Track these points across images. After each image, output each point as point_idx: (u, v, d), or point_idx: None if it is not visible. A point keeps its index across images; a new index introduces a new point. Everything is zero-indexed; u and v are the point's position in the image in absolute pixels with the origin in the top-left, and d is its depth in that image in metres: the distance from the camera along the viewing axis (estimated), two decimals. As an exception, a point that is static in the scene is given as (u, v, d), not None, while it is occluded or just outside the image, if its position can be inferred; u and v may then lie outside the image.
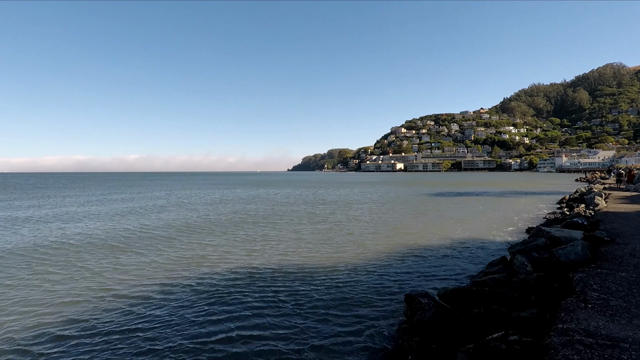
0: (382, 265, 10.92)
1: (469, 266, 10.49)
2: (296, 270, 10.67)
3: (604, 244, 8.98)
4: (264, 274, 10.33)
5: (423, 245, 13.77)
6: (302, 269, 10.83)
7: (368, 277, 9.72)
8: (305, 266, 11.15)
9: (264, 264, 11.43)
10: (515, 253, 8.29)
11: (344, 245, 14.29)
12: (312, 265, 11.26)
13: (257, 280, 9.70)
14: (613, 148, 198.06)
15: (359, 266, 10.89)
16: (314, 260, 11.80)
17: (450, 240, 14.65)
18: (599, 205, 18.33)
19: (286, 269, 10.88)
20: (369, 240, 15.04)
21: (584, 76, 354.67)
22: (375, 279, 9.47)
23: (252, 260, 12.02)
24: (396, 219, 21.30)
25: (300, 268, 10.91)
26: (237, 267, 11.18)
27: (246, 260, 12.04)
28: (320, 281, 9.54)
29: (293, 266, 11.17)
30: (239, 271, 10.68)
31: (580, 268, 7.28)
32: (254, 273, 10.46)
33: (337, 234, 16.61)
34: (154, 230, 18.18)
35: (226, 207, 29.65)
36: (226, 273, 10.50)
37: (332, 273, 10.27)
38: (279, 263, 11.58)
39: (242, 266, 11.23)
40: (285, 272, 10.50)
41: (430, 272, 9.98)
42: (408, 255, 11.97)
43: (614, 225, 12.08)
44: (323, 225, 19.32)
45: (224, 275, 10.31)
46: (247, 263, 11.64)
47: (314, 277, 9.96)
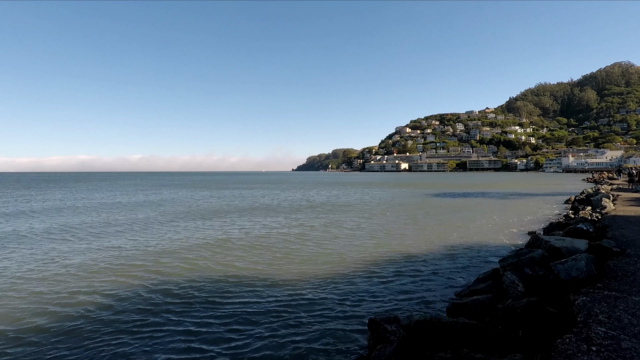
0: (357, 279, 9.40)
1: (459, 279, 9.14)
2: (238, 290, 8.78)
3: (612, 256, 7.67)
4: (186, 291, 8.79)
5: (411, 253, 12.31)
6: (249, 286, 9.07)
7: (335, 294, 8.25)
8: (256, 282, 9.37)
9: (197, 278, 9.84)
10: (505, 267, 6.99)
11: (312, 256, 12.24)
12: (269, 280, 9.55)
13: (178, 300, 8.18)
14: (621, 148, 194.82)
15: (327, 282, 9.30)
16: (271, 275, 10.06)
17: (444, 247, 13.25)
18: (607, 208, 16.95)
19: (224, 287, 9.05)
20: (347, 250, 13.10)
21: (591, 75, 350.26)
22: (342, 298, 8.04)
23: (190, 273, 10.34)
24: (385, 224, 19.29)
25: (247, 285, 9.13)
26: (170, 279, 9.89)
27: (182, 273, 10.32)
28: (270, 300, 8.01)
29: (233, 283, 9.38)
30: (170, 283, 9.42)
31: (584, 288, 5.99)
32: (182, 289, 8.89)
33: (309, 242, 14.42)
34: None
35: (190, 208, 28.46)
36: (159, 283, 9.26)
37: (287, 291, 8.60)
38: (217, 279, 9.76)
39: (174, 280, 9.76)
40: (219, 292, 8.65)
41: (412, 288, 8.60)
42: (390, 267, 10.53)
43: (623, 231, 10.73)
44: (295, 229, 17.69)
45: (156, 285, 9.08)
46: (184, 277, 9.98)
47: (263, 294, 8.47)
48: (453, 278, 9.26)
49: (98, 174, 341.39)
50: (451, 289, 8.33)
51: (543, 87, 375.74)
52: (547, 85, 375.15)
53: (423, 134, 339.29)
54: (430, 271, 9.91)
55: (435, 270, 10.02)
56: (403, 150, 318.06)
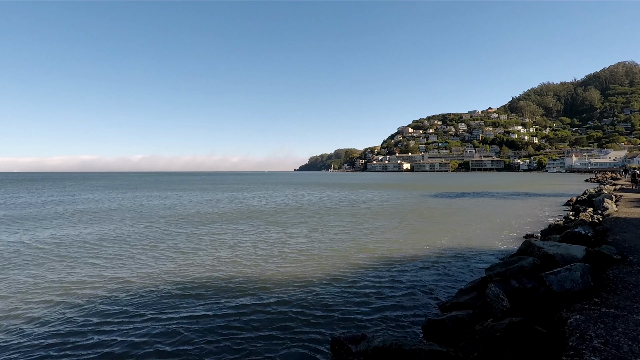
0: (330, 289, 8.61)
1: (443, 289, 8.30)
2: (188, 303, 7.87)
3: (612, 265, 6.92)
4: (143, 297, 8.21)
5: (395, 260, 11.37)
6: (201, 298, 8.20)
7: (302, 308, 7.41)
8: (212, 293, 8.49)
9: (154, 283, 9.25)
10: (492, 278, 6.26)
11: (287, 263, 11.24)
12: (229, 291, 8.70)
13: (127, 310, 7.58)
14: (625, 148, 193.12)
15: (295, 293, 8.37)
16: (233, 285, 9.18)
17: (432, 252, 12.34)
18: (609, 210, 16.17)
19: (172, 298, 8.28)
20: (326, 256, 11.99)
21: (595, 75, 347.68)
22: (309, 311, 7.21)
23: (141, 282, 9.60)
24: (374, 228, 17.97)
25: (199, 298, 8.24)
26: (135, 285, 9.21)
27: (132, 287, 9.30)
28: (227, 313, 7.32)
29: (185, 295, 8.49)
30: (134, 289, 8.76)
31: (579, 303, 5.27)
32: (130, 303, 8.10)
33: (287, 249, 13.27)
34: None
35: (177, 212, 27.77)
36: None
37: (249, 302, 7.89)
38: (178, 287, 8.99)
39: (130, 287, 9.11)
40: (168, 304, 7.87)
41: (390, 300, 7.76)
42: (369, 275, 9.71)
43: (625, 235, 9.96)
44: (275, 234, 16.55)
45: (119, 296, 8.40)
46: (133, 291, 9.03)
47: (218, 306, 7.67)
48: (437, 288, 8.42)
49: (96, 173, 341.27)
50: (434, 301, 7.56)
51: (546, 86, 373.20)
52: (551, 85, 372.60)
53: (425, 134, 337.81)
54: (413, 280, 9.07)
55: (419, 278, 9.19)
56: (405, 150, 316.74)
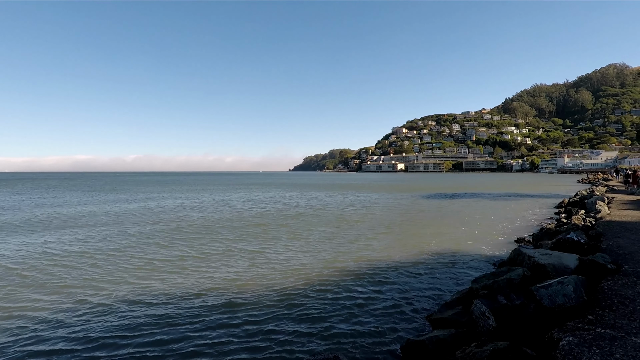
0: (306, 303, 7.83)
1: (427, 303, 7.67)
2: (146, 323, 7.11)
3: (607, 275, 6.49)
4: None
5: (375, 268, 10.63)
6: (162, 311, 7.59)
7: (273, 324, 6.73)
8: (172, 307, 7.76)
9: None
10: (478, 291, 5.79)
11: (256, 272, 10.40)
12: (191, 304, 7.98)
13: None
14: (616, 149, 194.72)
15: (259, 309, 7.61)
16: (195, 296, 8.50)
17: (417, 259, 11.63)
18: (601, 212, 15.83)
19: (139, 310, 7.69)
20: (298, 266, 11.03)
21: (586, 76, 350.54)
22: (274, 330, 6.55)
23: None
24: (357, 232, 17.04)
25: (159, 311, 7.61)
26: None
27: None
28: (189, 330, 6.68)
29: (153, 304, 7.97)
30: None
31: (571, 321, 4.81)
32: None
33: (259, 258, 12.09)
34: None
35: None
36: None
37: (209, 316, 7.27)
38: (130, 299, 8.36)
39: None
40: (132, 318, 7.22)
41: (367, 315, 7.08)
42: (344, 287, 8.90)
43: (619, 241, 9.57)
44: (251, 238, 15.66)
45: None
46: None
47: (188, 323, 6.97)
48: (422, 299, 7.84)
49: (88, 173, 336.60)
50: (417, 314, 6.98)
51: (539, 88, 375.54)
52: (543, 86, 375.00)
53: (419, 134, 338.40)
54: (396, 290, 8.46)
55: (403, 288, 8.58)
56: (399, 151, 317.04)
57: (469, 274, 9.66)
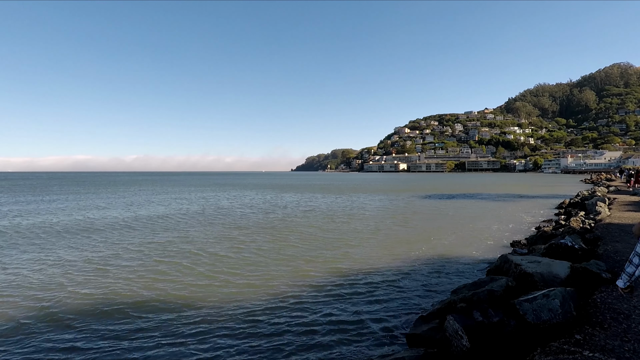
0: (272, 318, 7.06)
1: (406, 316, 6.93)
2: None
3: (600, 285, 5.92)
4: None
5: (361, 277, 9.69)
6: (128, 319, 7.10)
7: (233, 340, 6.12)
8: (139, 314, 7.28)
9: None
10: (457, 303, 5.23)
11: (227, 276, 9.72)
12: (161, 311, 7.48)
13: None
14: (620, 149, 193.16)
15: (232, 318, 7.06)
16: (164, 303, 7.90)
17: (405, 265, 10.81)
18: (601, 214, 15.22)
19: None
20: (278, 273, 10.21)
21: (590, 76, 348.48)
22: (237, 346, 5.91)
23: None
24: (342, 235, 16.08)
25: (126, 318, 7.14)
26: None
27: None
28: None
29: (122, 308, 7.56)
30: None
31: (556, 341, 4.25)
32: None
33: (233, 268, 10.88)
34: None
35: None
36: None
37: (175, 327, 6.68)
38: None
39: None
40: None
41: (339, 335, 6.24)
42: (325, 297, 8.14)
43: (617, 246, 8.98)
44: (226, 242, 14.69)
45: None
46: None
47: (142, 339, 6.29)
48: (399, 313, 7.11)
49: (86, 173, 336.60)
50: (396, 330, 6.34)
51: (542, 87, 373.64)
52: (546, 86, 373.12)
53: (422, 134, 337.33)
54: (374, 302, 7.72)
55: (381, 299, 7.87)
56: (402, 151, 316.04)
57: (456, 282, 9.03)
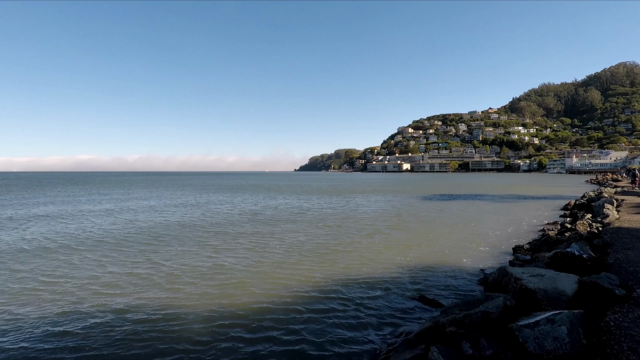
0: (237, 338, 6.23)
1: (389, 338, 5.98)
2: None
3: (613, 303, 5.14)
4: None
5: (337, 288, 8.67)
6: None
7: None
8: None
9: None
10: (446, 325, 4.48)
11: (191, 290, 8.76)
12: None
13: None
14: (626, 149, 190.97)
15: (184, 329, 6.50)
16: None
17: (395, 275, 9.77)
18: (609, 217, 14.40)
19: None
20: (249, 282, 9.31)
21: (595, 75, 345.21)
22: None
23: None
24: (328, 239, 15.00)
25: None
26: None
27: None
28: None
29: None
30: None
31: (562, 379, 3.49)
32: None
33: (203, 276, 9.96)
34: None
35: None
36: None
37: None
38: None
39: None
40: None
41: (304, 352, 5.60)
42: (303, 310, 7.38)
43: (629, 254, 8.17)
44: (198, 247, 13.65)
45: None
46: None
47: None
48: (380, 334, 6.21)
49: (89, 173, 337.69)
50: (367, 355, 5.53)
51: (547, 87, 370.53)
52: (551, 86, 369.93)
53: (425, 134, 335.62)
54: (349, 319, 6.82)
55: (357, 316, 6.95)
56: (405, 151, 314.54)
57: (453, 294, 8.24)
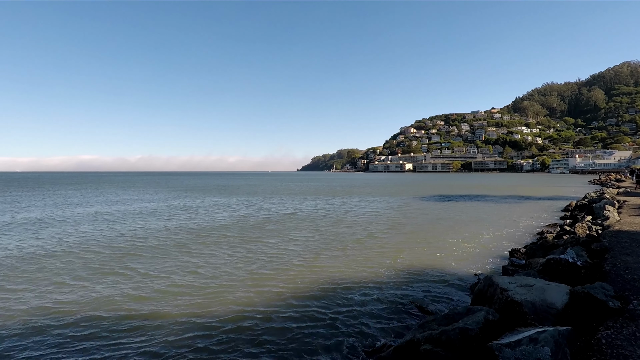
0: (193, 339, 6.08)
1: (368, 350, 5.65)
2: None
3: (607, 317, 4.73)
4: None
5: (317, 295, 8.29)
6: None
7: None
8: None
9: None
10: (421, 342, 4.09)
11: (166, 291, 8.62)
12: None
13: None
14: (630, 148, 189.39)
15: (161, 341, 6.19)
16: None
17: (378, 283, 9.19)
18: (610, 219, 13.95)
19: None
20: (215, 288, 8.93)
21: (599, 75, 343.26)
22: None
23: None
24: (313, 245, 14.15)
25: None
26: None
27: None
28: None
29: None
30: None
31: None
32: None
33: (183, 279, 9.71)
34: None
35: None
36: None
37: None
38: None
39: None
40: None
41: None
42: (276, 318, 7.02)
43: (627, 260, 7.73)
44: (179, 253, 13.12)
45: None
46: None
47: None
48: (351, 352, 5.69)
49: (90, 173, 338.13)
50: None
51: (550, 86, 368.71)
52: (554, 85, 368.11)
53: (428, 134, 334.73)
54: (323, 326, 6.49)
55: (333, 323, 6.60)
56: (407, 151, 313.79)
57: (440, 303, 7.82)
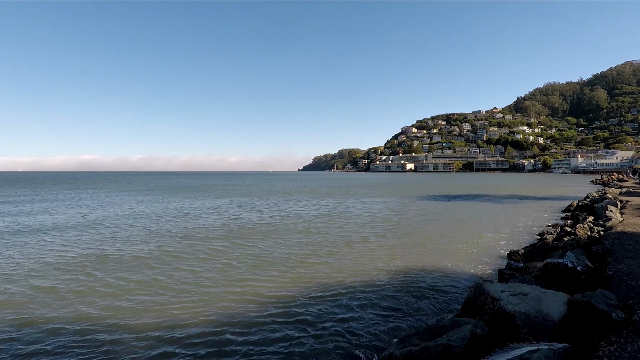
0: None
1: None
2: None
3: (609, 331, 4.28)
4: None
5: (299, 303, 7.90)
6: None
7: None
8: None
9: None
10: (399, 359, 3.65)
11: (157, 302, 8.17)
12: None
13: None
14: (632, 148, 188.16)
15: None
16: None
17: (366, 291, 8.67)
18: (612, 220, 13.46)
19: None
20: (215, 293, 8.67)
21: (602, 74, 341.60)
22: None
23: None
24: (302, 248, 13.59)
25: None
26: None
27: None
28: None
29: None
30: None
31: None
32: None
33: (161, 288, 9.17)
34: None
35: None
36: None
37: None
38: None
39: None
40: None
41: None
42: (239, 333, 6.55)
43: (631, 264, 7.26)
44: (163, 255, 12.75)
45: None
46: None
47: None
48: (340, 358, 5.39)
49: (92, 173, 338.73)
50: None
51: (552, 86, 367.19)
52: (556, 85, 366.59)
53: (429, 134, 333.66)
54: (310, 337, 6.09)
55: (320, 333, 6.23)
56: (409, 151, 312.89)
57: (432, 311, 7.39)
